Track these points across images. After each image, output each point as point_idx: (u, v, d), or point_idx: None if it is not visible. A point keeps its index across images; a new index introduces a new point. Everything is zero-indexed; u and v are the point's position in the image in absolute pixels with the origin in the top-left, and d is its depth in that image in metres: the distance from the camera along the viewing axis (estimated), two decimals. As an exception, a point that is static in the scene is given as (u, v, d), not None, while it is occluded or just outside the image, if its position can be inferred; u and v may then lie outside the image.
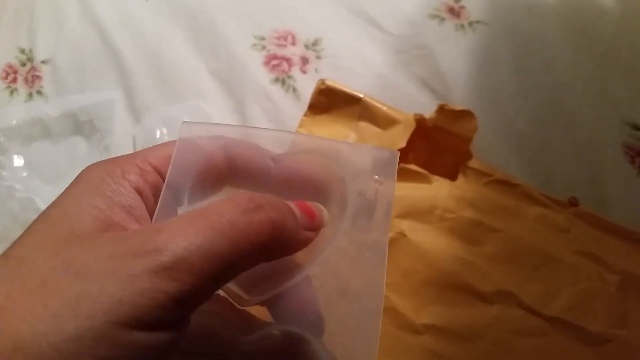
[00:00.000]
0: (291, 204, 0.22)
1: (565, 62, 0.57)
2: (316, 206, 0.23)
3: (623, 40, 0.58)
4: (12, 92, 0.60)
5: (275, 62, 0.58)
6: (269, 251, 0.21)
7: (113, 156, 0.46)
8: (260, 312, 0.24)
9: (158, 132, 0.54)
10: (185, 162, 0.23)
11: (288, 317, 0.24)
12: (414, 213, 0.46)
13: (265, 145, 0.25)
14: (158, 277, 0.18)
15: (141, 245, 0.19)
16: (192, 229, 0.19)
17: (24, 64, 0.61)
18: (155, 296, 0.18)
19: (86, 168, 0.23)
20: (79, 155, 0.57)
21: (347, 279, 0.24)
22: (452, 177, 0.48)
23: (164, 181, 0.23)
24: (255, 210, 0.20)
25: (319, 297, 0.24)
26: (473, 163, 0.48)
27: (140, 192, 0.22)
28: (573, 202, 0.47)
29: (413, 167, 0.47)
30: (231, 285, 0.24)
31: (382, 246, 0.24)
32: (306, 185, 0.25)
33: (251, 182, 0.25)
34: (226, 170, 0.25)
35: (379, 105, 0.50)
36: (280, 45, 0.59)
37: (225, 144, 0.24)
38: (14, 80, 0.60)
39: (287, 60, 0.58)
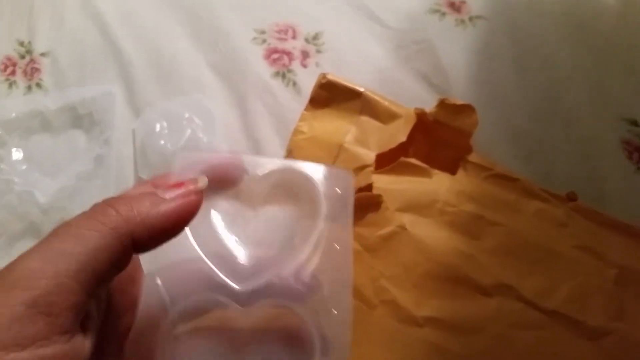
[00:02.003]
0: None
1: (564, 58, 0.57)
2: (186, 178, 0.27)
3: (622, 36, 0.58)
4: (10, 85, 0.60)
5: (275, 55, 0.58)
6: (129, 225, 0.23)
7: (112, 150, 0.48)
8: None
9: (158, 126, 0.54)
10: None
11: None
12: (415, 207, 0.46)
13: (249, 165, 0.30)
14: (10, 294, 0.20)
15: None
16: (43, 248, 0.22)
17: (23, 57, 0.61)
18: (11, 311, 0.20)
19: None
20: (78, 148, 0.57)
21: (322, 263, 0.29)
22: (453, 171, 0.48)
23: None
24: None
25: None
26: (473, 157, 0.48)
27: None
28: (572, 197, 0.47)
29: (413, 161, 0.48)
30: (226, 276, 0.28)
31: (348, 237, 0.30)
32: (285, 197, 0.31)
33: (235, 195, 0.30)
34: (214, 184, 0.28)
35: (380, 100, 0.50)
36: (280, 39, 0.59)
37: (212, 164, 0.29)
38: (13, 72, 0.60)
39: (288, 54, 0.58)
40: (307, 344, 0.28)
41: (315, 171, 0.31)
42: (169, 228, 0.24)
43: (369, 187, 0.45)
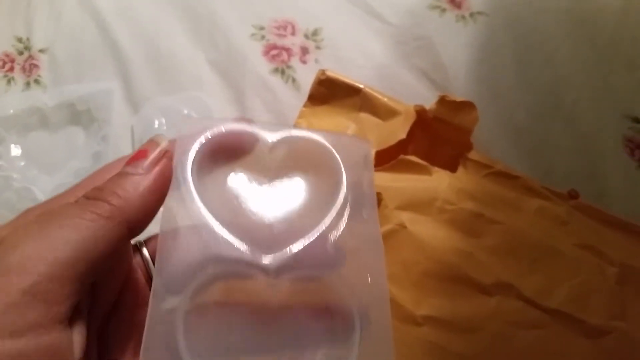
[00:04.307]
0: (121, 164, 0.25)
1: (566, 54, 0.56)
2: (145, 144, 0.26)
3: (624, 32, 0.57)
4: (9, 81, 0.59)
5: (274, 52, 0.58)
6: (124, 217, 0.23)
7: (110, 146, 0.47)
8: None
9: (156, 122, 0.53)
10: (184, 147, 0.27)
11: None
12: (414, 205, 0.45)
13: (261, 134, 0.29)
14: (6, 279, 0.19)
15: None
16: (33, 235, 0.21)
17: (21, 53, 0.61)
18: (7, 297, 0.19)
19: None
20: (76, 145, 0.56)
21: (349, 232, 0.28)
22: (452, 168, 0.48)
23: None
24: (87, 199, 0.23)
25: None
26: (473, 155, 0.48)
27: None
28: (573, 195, 0.46)
29: (413, 158, 0.47)
30: (248, 245, 0.26)
31: (377, 236, 0.29)
32: (299, 165, 0.29)
33: (248, 163, 0.28)
34: (223, 154, 0.27)
35: (380, 96, 0.50)
36: (279, 35, 0.59)
37: (221, 131, 0.28)
38: (11, 69, 0.60)
39: (287, 50, 0.58)
40: (345, 318, 0.26)
41: (331, 139, 0.29)
42: (156, 201, 0.24)
43: (368, 185, 0.45)
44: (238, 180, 0.28)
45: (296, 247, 0.26)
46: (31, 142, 0.57)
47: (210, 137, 0.27)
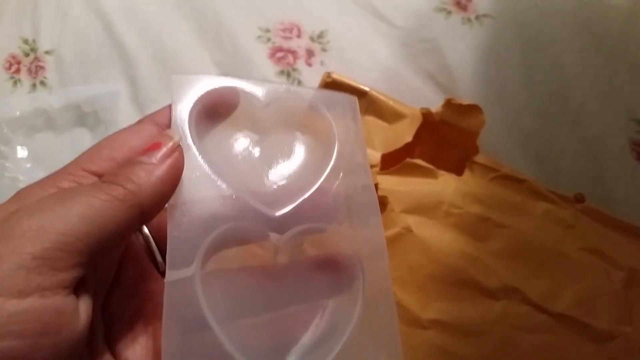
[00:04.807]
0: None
1: (572, 57, 0.56)
2: (159, 136, 0.26)
3: (631, 35, 0.57)
4: (15, 83, 0.59)
5: (280, 54, 0.58)
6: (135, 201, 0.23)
7: None
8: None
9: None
10: (181, 112, 0.27)
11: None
12: (420, 208, 0.45)
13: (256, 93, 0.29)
14: (18, 243, 0.20)
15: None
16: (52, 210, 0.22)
17: (27, 55, 0.61)
18: (18, 259, 0.20)
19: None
20: (83, 146, 0.55)
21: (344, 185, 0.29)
22: (459, 172, 0.48)
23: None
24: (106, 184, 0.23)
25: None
26: (480, 158, 0.48)
27: None
28: (579, 199, 0.46)
29: (419, 162, 0.47)
30: (253, 202, 0.27)
31: (371, 187, 0.29)
32: (293, 122, 0.30)
33: (243, 121, 0.29)
34: (216, 112, 0.28)
35: (385, 99, 0.50)
36: (285, 38, 0.59)
37: (217, 90, 0.28)
38: (17, 70, 0.60)
39: (293, 52, 0.58)
40: (347, 267, 0.28)
41: (320, 96, 0.30)
42: (168, 190, 0.25)
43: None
44: (236, 141, 0.29)
45: (298, 200, 0.27)
46: (37, 144, 0.57)
47: (204, 96, 0.28)
